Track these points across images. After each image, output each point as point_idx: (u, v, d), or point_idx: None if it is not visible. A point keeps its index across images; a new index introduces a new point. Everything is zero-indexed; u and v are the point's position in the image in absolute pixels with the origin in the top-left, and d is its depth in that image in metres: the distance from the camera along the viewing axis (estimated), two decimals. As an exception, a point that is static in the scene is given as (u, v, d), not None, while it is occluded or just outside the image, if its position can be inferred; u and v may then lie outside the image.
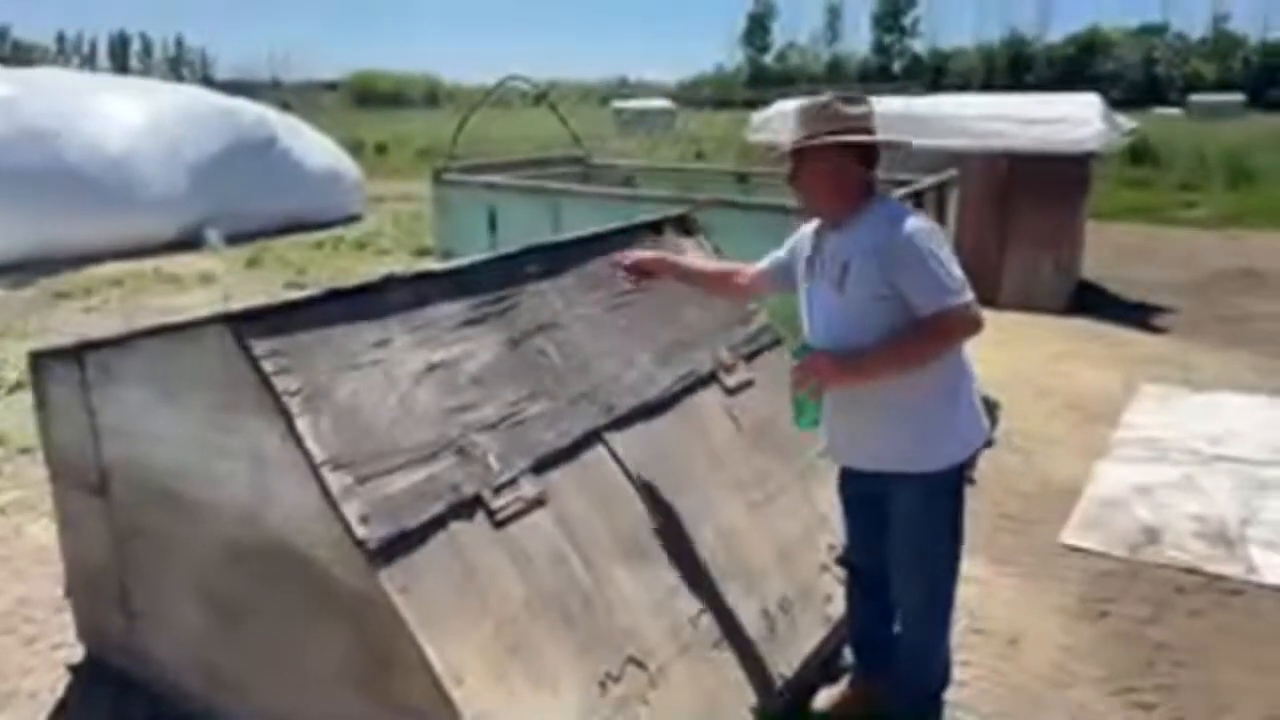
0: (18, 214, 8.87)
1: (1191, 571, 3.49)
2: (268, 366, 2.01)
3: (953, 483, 2.36)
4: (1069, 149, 7.20)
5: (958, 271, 2.18)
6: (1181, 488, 4.19)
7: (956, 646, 3.00)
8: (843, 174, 2.28)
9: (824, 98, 2.33)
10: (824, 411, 2.36)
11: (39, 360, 2.67)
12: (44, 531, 3.56)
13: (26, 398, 3.05)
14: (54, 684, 2.82)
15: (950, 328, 2.18)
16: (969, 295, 2.17)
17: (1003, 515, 3.96)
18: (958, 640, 3.04)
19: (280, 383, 2.00)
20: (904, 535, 2.39)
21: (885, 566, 2.48)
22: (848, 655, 2.78)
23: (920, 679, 2.53)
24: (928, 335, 2.18)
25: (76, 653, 2.93)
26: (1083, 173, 7.46)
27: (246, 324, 2.06)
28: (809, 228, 2.48)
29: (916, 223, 2.21)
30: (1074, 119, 7.34)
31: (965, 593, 3.31)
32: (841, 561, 2.75)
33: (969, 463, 2.39)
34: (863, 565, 2.59)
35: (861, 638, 2.68)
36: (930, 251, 2.16)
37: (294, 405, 1.99)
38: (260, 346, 2.03)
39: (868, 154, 2.30)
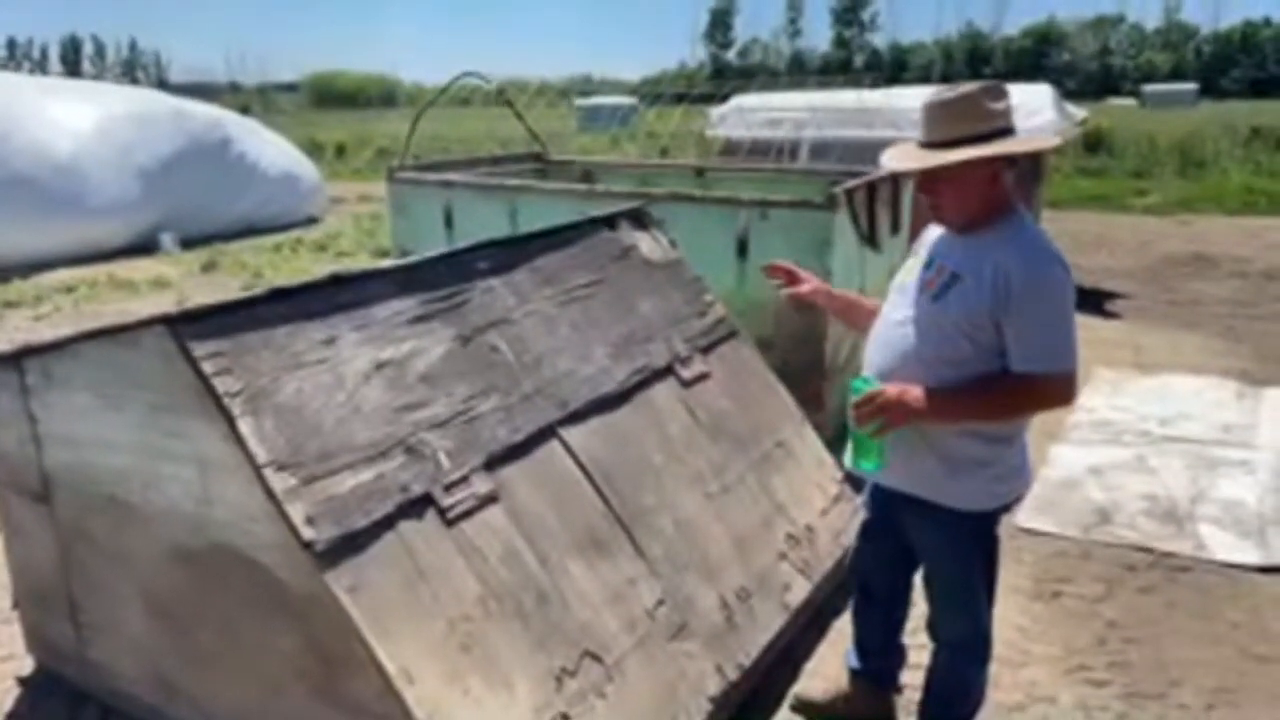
0: (-37, 222, 8.66)
1: (1142, 549, 3.56)
2: (208, 368, 1.98)
3: (986, 526, 2.18)
4: (1022, 138, 7.28)
5: (1074, 333, 1.97)
6: (1133, 468, 4.27)
7: (912, 630, 3.04)
8: (993, 183, 2.01)
9: (964, 89, 2.01)
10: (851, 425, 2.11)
11: (-24, 368, 2.60)
12: (-9, 544, 3.48)
13: (-32, 407, 2.97)
14: (2, 697, 2.76)
15: (1048, 396, 1.98)
16: (1075, 363, 1.97)
17: (960, 500, 4.00)
18: (913, 624, 3.07)
19: (221, 384, 1.97)
20: (935, 574, 2.29)
21: (893, 585, 2.48)
22: (820, 647, 2.79)
23: (957, 710, 2.40)
24: (1021, 396, 1.98)
25: (26, 665, 2.87)
26: (1036, 162, 7.55)
27: (187, 325, 2.02)
28: (932, 231, 2.23)
29: (1055, 263, 1.96)
30: (1025, 108, 7.39)
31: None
32: (850, 569, 2.68)
33: (1006, 509, 2.18)
34: (867, 578, 2.55)
35: (866, 643, 2.63)
36: (1059, 305, 1.95)
37: (236, 406, 1.96)
38: (201, 348, 2.00)
39: (1014, 157, 2.04)
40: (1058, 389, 1.96)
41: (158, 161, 10.41)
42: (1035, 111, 7.45)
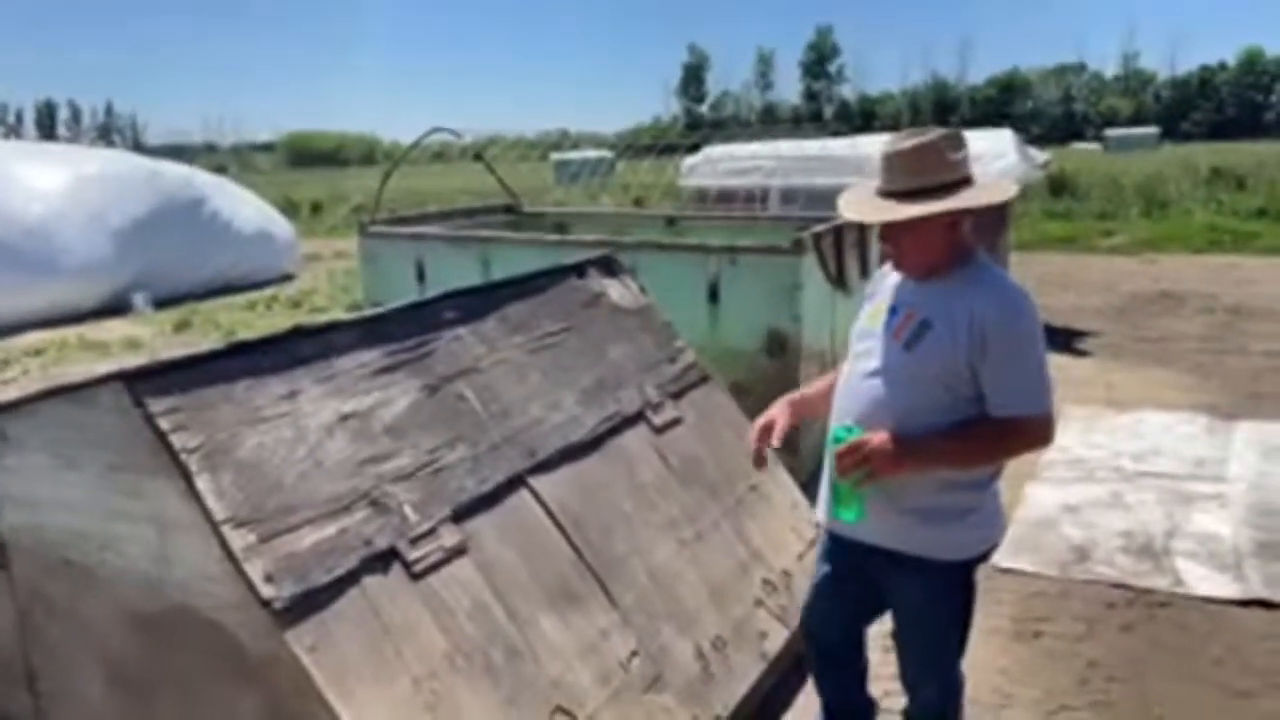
0: (-70, 285, 8.58)
1: (1121, 586, 3.54)
2: (165, 424, 1.94)
3: (965, 576, 2.12)
4: (986, 182, 7.42)
5: (1049, 373, 1.96)
6: (1108, 505, 4.28)
7: (894, 675, 3.00)
8: (952, 231, 1.99)
9: (923, 138, 1.96)
10: (831, 474, 2.06)
11: (-69, 431, 2.55)
12: (-54, 613, 3.37)
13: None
14: (-46, 775, 2.64)
15: (1029, 438, 1.96)
16: (1052, 403, 1.96)
17: (938, 541, 3.98)
18: (893, 668, 3.03)
19: (178, 440, 1.94)
20: (911, 628, 2.20)
21: (850, 640, 2.39)
22: (800, 697, 2.74)
23: None
24: (1003, 439, 1.96)
25: (-21, 740, 2.76)
26: (1001, 207, 7.68)
27: (143, 382, 2.00)
28: (890, 276, 2.17)
29: (1025, 304, 1.95)
30: (989, 154, 7.58)
31: (902, 621, 3.33)
32: (804, 631, 2.51)
33: (984, 557, 2.13)
34: (826, 638, 2.42)
35: (834, 705, 2.51)
36: (1034, 347, 1.94)
37: (193, 463, 1.93)
38: (157, 404, 1.97)
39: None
40: (1038, 430, 1.95)
41: (131, 221, 10.40)
42: (999, 156, 7.62)
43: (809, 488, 3.55)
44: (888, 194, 1.99)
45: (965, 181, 1.98)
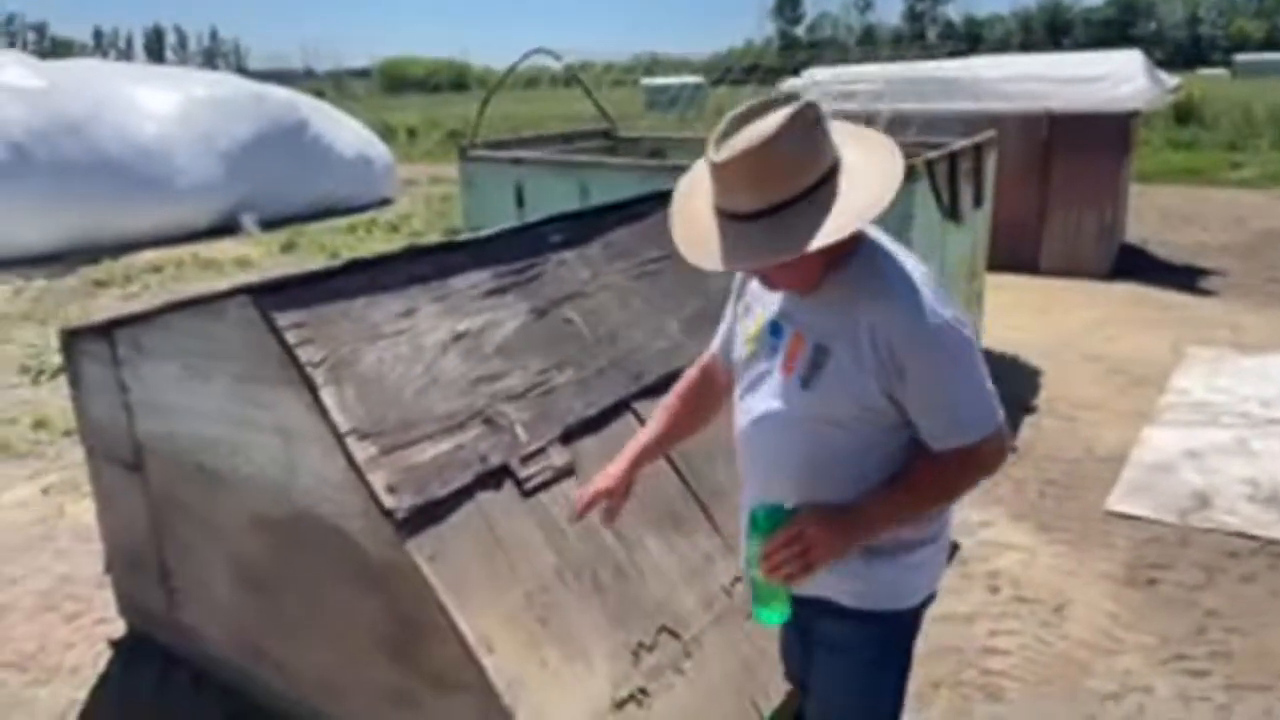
0: (56, 204, 9.02)
1: (1243, 536, 3.38)
2: (291, 338, 1.99)
3: (900, 628, 1.65)
4: (1111, 107, 6.99)
5: (985, 377, 1.49)
6: (1233, 451, 4.06)
7: (999, 615, 2.95)
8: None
9: (765, 128, 1.35)
10: (749, 565, 1.54)
11: (71, 339, 2.69)
12: (85, 512, 3.61)
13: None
14: (96, 659, 2.86)
15: (983, 465, 1.51)
16: (1000, 410, 1.49)
17: (1046, 482, 3.86)
18: (1000, 609, 2.98)
19: (304, 354, 1.99)
20: (840, 688, 1.69)
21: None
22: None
23: None
24: (957, 478, 1.52)
25: (118, 628, 2.98)
26: (1126, 132, 7.24)
27: (269, 296, 2.05)
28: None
29: (932, 301, 1.43)
30: (1116, 76, 7.12)
31: (1007, 560, 3.26)
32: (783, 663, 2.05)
33: (927, 603, 1.67)
34: (802, 671, 1.86)
35: None
36: (962, 356, 1.45)
37: (318, 376, 1.98)
38: (283, 318, 2.02)
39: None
40: (993, 454, 1.50)
41: (238, 144, 10.69)
42: (1126, 79, 7.14)
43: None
44: (735, 216, 1.40)
45: (833, 171, 1.39)
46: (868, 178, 1.40)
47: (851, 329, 1.45)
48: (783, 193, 1.37)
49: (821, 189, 1.38)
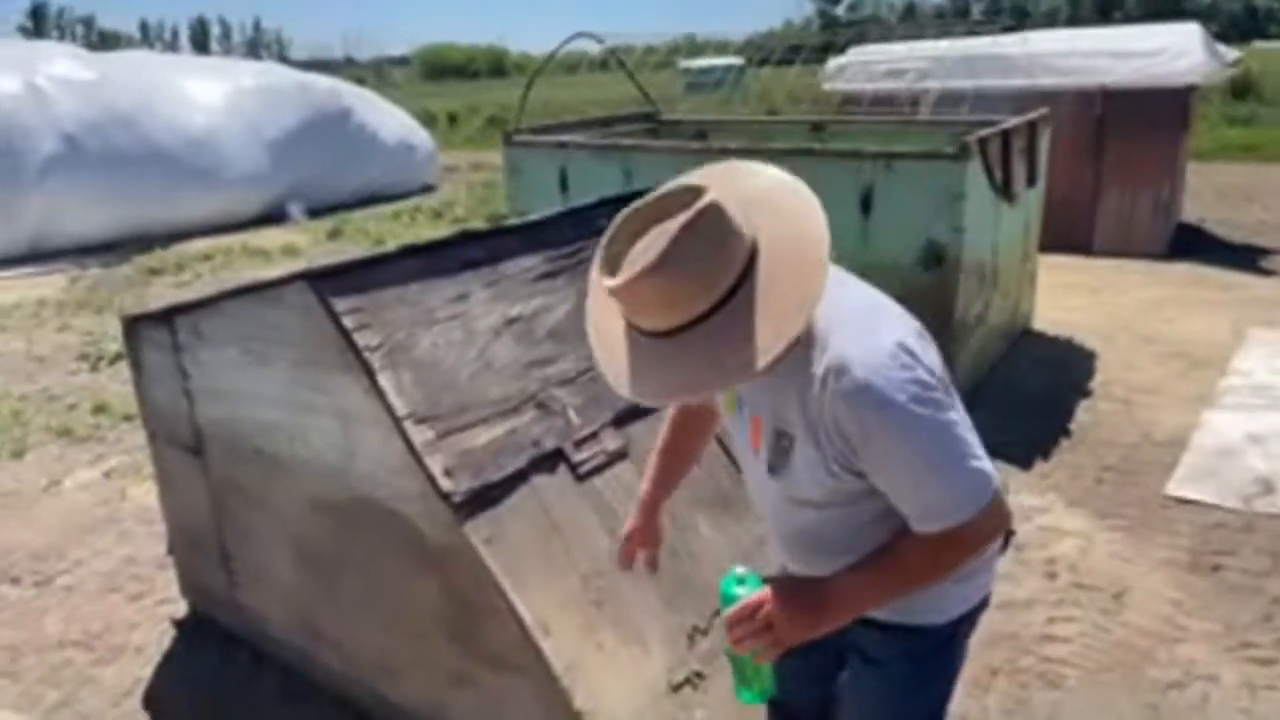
0: (109, 195, 9.22)
1: (1313, 523, 3.28)
2: (348, 323, 2.01)
3: (953, 640, 1.52)
4: (1168, 82, 6.79)
5: (969, 441, 1.26)
6: (1299, 436, 3.94)
7: (1057, 602, 2.90)
8: None
9: (663, 243, 1.16)
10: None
11: (132, 325, 2.74)
12: (147, 494, 3.71)
13: (127, 369, 3.14)
14: (160, 639, 2.93)
15: (973, 542, 1.31)
16: (990, 484, 1.26)
17: (1103, 467, 3.78)
18: (1058, 596, 2.93)
19: (361, 338, 2.00)
20: (869, 703, 1.58)
21: (823, 696, 1.70)
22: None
23: None
24: (941, 555, 1.31)
25: (180, 608, 3.04)
26: (1183, 107, 7.02)
27: (326, 282, 2.07)
28: None
29: (889, 367, 1.21)
30: (1173, 50, 6.90)
31: (1065, 547, 3.20)
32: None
33: (981, 606, 1.53)
34: (790, 698, 1.66)
35: None
36: (918, 429, 1.22)
37: (375, 360, 1.99)
38: (341, 303, 2.03)
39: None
40: (984, 531, 1.30)
41: (284, 133, 10.83)
42: (1182, 53, 6.92)
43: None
44: (658, 334, 1.22)
45: (752, 260, 1.20)
46: (799, 253, 1.20)
47: (803, 410, 1.28)
48: (710, 299, 1.17)
49: (742, 287, 1.18)
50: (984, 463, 1.26)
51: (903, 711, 1.55)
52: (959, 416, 1.27)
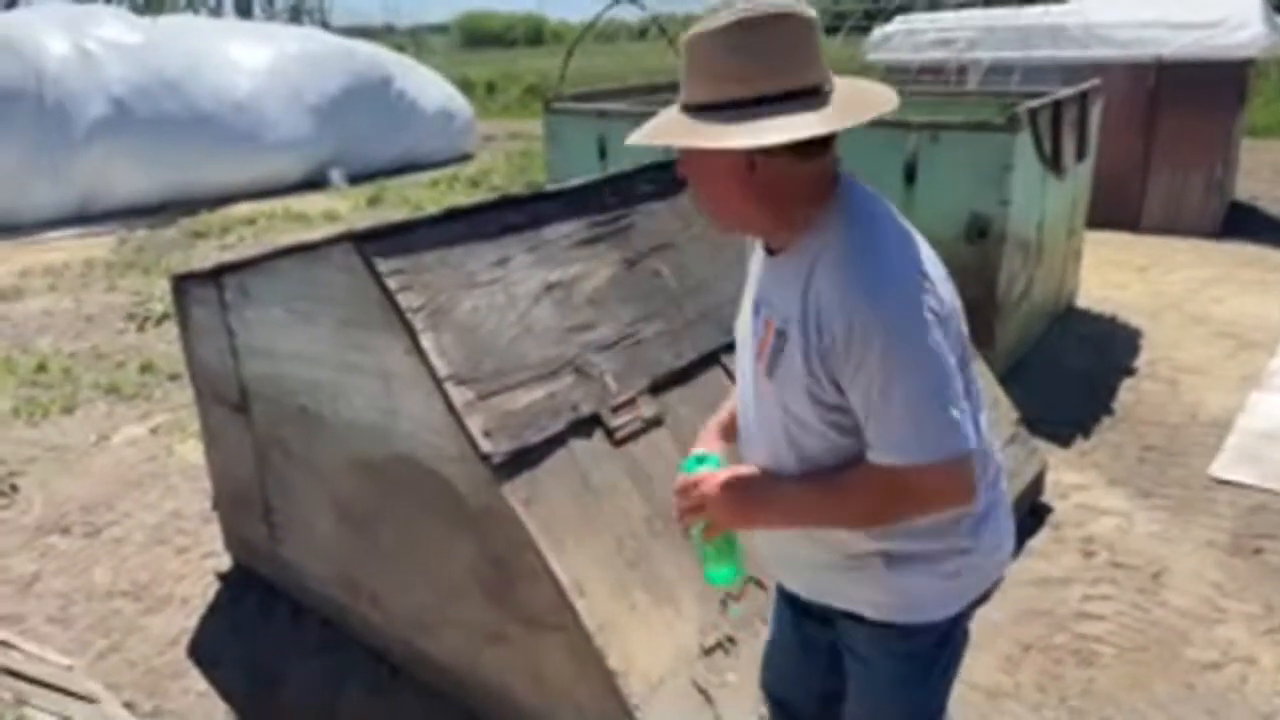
0: (156, 158, 9.35)
1: (1361, 508, 3.21)
2: (392, 284, 2.03)
3: (946, 639, 1.46)
4: (1224, 54, 6.57)
5: (957, 392, 1.21)
6: (1350, 420, 3.85)
7: (1093, 580, 2.87)
8: (744, 183, 1.25)
9: (738, 16, 1.20)
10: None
11: (180, 284, 2.80)
12: (192, 451, 3.80)
13: (173, 329, 3.21)
14: (204, 590, 3.02)
15: (920, 496, 1.25)
16: (962, 443, 1.21)
17: (1146, 447, 3.72)
18: (1095, 574, 2.90)
19: (404, 299, 2.03)
20: (862, 700, 1.55)
21: (823, 695, 1.66)
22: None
23: None
24: (882, 497, 1.26)
25: (224, 561, 3.13)
26: (1239, 81, 6.80)
27: (371, 243, 2.09)
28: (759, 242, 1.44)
29: (899, 278, 1.22)
30: (1232, 21, 6.66)
31: (1103, 525, 3.17)
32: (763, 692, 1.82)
33: (980, 601, 1.47)
34: (786, 701, 1.73)
35: None
36: (916, 351, 1.19)
37: (418, 321, 2.02)
38: (384, 264, 2.06)
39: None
40: (932, 490, 1.23)
41: (327, 99, 10.88)
42: (1241, 25, 6.68)
43: (1006, 383, 3.38)
44: (687, 108, 1.27)
45: (785, 98, 1.19)
46: (865, 103, 1.23)
47: (803, 307, 1.25)
48: (726, 92, 1.21)
49: (755, 108, 1.19)
50: (965, 420, 1.21)
51: (895, 711, 1.53)
52: (956, 369, 1.23)
